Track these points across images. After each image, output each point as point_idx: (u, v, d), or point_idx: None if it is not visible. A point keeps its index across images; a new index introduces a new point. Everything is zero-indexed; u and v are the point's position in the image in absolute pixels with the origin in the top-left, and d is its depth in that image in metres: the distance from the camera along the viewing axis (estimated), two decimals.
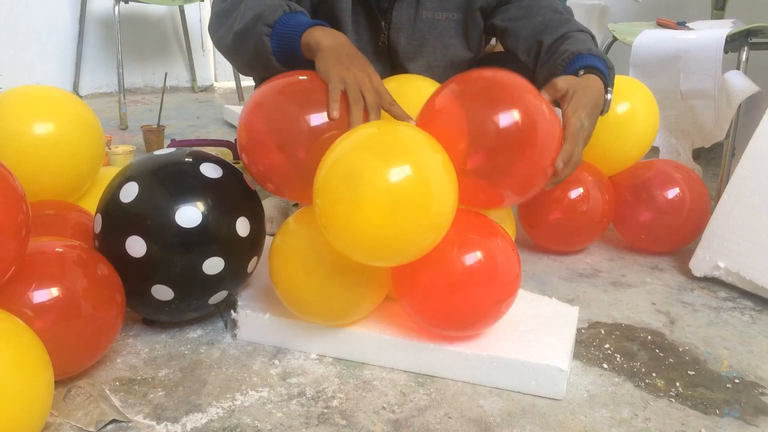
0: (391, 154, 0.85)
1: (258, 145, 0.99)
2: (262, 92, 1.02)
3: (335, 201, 0.84)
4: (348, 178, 0.83)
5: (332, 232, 0.87)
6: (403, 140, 0.88)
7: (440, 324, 0.99)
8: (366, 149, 0.86)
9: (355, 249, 0.88)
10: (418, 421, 0.90)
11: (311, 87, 1.00)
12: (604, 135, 1.41)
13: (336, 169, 0.86)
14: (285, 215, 1.55)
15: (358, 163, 0.84)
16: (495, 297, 0.96)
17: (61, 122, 1.14)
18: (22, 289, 0.86)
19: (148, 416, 0.90)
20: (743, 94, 1.62)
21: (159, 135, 2.17)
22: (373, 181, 0.83)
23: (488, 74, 0.99)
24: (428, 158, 0.87)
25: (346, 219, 0.84)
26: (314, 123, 0.96)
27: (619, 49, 1.97)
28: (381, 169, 0.83)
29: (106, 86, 3.54)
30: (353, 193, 0.83)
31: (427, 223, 0.86)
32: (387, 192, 0.83)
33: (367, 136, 0.89)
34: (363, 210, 0.83)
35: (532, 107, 0.95)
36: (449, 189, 0.88)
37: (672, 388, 0.99)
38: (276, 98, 1.00)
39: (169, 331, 1.11)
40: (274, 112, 0.98)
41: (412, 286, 0.97)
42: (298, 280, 0.97)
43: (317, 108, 0.97)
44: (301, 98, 0.99)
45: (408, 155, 0.85)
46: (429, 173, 0.86)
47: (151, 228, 0.98)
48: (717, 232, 1.33)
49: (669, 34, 1.78)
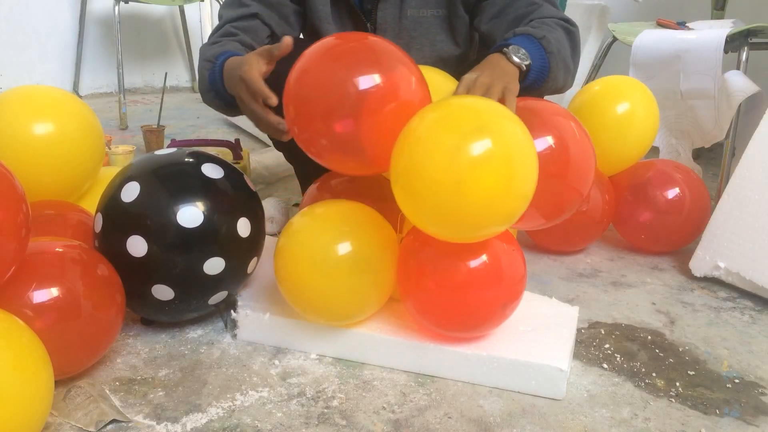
0: (482, 135, 0.82)
1: (305, 115, 0.93)
2: (306, 57, 0.95)
3: (422, 182, 0.83)
4: (438, 161, 0.82)
5: (411, 209, 0.87)
6: (493, 121, 0.85)
7: (445, 325, 0.99)
8: (458, 131, 0.83)
9: (433, 225, 0.87)
10: (418, 421, 0.90)
11: (359, 47, 0.94)
12: (604, 135, 1.41)
13: (424, 149, 0.83)
14: (286, 215, 1.55)
15: (453, 145, 0.82)
16: (501, 300, 0.96)
17: (61, 122, 1.14)
18: (22, 289, 0.86)
19: (148, 416, 0.90)
20: (743, 94, 1.62)
21: (159, 135, 2.17)
22: (467, 167, 0.81)
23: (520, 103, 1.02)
24: (516, 137, 0.85)
25: (425, 192, 0.83)
26: (363, 87, 0.88)
27: (619, 49, 1.97)
28: (473, 152, 0.81)
29: (106, 86, 3.54)
30: (445, 177, 0.81)
31: (505, 206, 0.85)
32: (478, 178, 0.81)
33: (457, 116, 0.86)
34: (452, 193, 0.82)
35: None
36: (532, 170, 0.86)
37: (672, 388, 0.99)
38: (321, 62, 0.93)
39: (169, 331, 1.11)
40: (320, 78, 0.91)
41: (418, 287, 0.97)
42: (304, 280, 0.97)
43: (367, 70, 0.90)
44: (348, 60, 0.91)
45: (494, 131, 0.83)
46: (515, 155, 0.84)
47: (151, 228, 0.98)
48: (717, 232, 1.33)
49: (669, 34, 1.78)
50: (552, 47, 1.11)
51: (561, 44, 1.14)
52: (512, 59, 1.06)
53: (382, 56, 0.93)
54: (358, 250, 0.95)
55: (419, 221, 0.89)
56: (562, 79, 1.16)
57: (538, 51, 1.10)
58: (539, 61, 1.10)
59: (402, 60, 0.95)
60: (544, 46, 1.10)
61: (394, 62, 0.93)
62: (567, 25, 1.19)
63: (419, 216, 0.88)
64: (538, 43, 1.10)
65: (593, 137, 1.28)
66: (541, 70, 1.11)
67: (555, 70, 1.12)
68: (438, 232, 0.89)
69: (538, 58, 1.10)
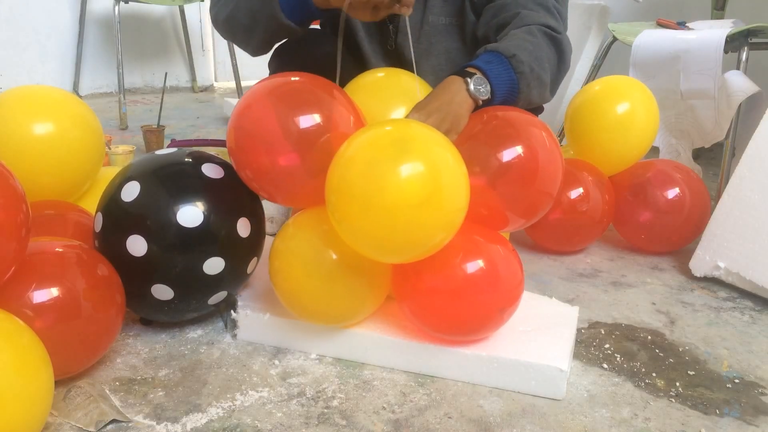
0: (406, 151, 0.84)
1: (247, 149, 0.97)
2: (251, 93, 0.99)
3: (351, 197, 0.84)
4: (364, 175, 0.83)
5: (345, 228, 0.87)
6: (416, 137, 0.87)
7: (441, 329, 0.99)
8: (381, 147, 0.86)
9: (368, 246, 0.88)
10: (418, 421, 0.90)
11: (301, 88, 0.98)
12: (604, 135, 1.41)
13: (352, 166, 0.85)
14: (285, 215, 1.55)
15: (374, 159, 0.84)
16: (498, 305, 0.96)
17: (61, 122, 1.14)
18: (22, 289, 0.86)
19: (148, 416, 0.90)
20: (743, 94, 1.62)
21: (159, 135, 2.17)
22: (391, 178, 0.82)
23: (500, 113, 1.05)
24: (439, 155, 0.86)
25: (361, 216, 0.84)
26: (304, 125, 0.93)
27: (619, 49, 1.97)
28: (396, 165, 0.83)
29: (106, 86, 3.54)
30: (370, 189, 0.83)
31: (441, 220, 0.86)
32: (403, 188, 0.82)
33: (381, 134, 0.88)
34: (379, 207, 0.82)
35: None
36: (462, 185, 0.88)
37: (672, 388, 0.99)
38: (265, 100, 0.97)
39: (169, 331, 1.11)
40: (263, 114, 0.95)
41: (414, 290, 0.97)
42: (299, 282, 0.97)
43: (308, 109, 0.94)
44: (290, 99, 0.96)
45: (421, 152, 0.85)
46: (441, 170, 0.85)
47: (151, 228, 0.98)
48: (717, 232, 1.33)
49: (669, 34, 1.78)
50: (523, 66, 1.08)
51: (537, 58, 1.11)
52: (470, 90, 1.04)
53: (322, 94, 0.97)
54: (351, 252, 0.94)
55: (359, 247, 0.89)
56: (537, 95, 1.13)
57: (507, 73, 1.08)
58: (507, 83, 1.08)
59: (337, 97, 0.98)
60: (514, 66, 1.07)
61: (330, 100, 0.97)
62: (552, 33, 1.16)
63: (356, 242, 0.89)
64: (508, 63, 1.07)
65: (593, 137, 1.29)
66: (510, 92, 1.09)
67: (526, 91, 1.09)
68: (378, 255, 0.90)
69: (506, 80, 1.07)
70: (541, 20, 1.17)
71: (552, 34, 1.16)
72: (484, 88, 1.05)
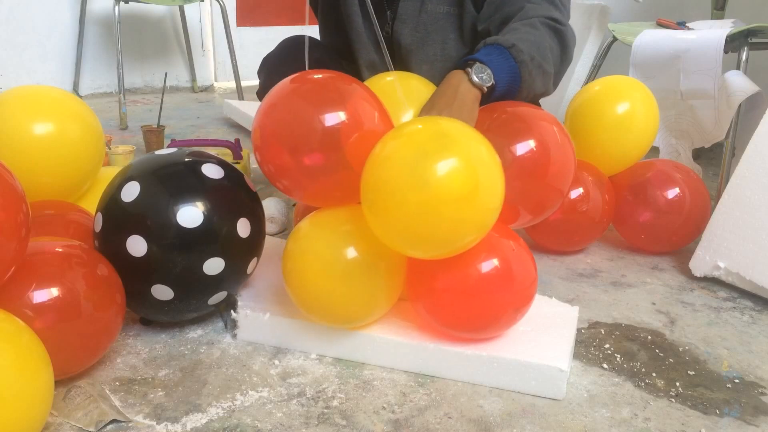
0: (446, 146, 0.85)
1: (271, 148, 0.96)
2: (276, 91, 0.98)
3: (391, 192, 0.85)
4: (406, 170, 0.84)
5: (380, 222, 0.88)
6: (453, 132, 0.88)
7: (455, 327, 0.99)
8: (420, 143, 0.86)
9: (400, 239, 0.89)
10: (418, 421, 0.90)
11: (325, 85, 0.96)
12: (604, 135, 1.41)
13: (392, 162, 0.85)
14: (285, 216, 1.55)
15: (416, 154, 0.84)
16: (513, 305, 0.97)
17: (61, 122, 1.14)
18: (22, 289, 0.86)
19: (148, 416, 0.90)
20: (743, 94, 1.62)
21: (159, 135, 2.17)
22: (434, 173, 0.83)
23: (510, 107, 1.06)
24: (477, 150, 0.87)
25: (400, 210, 0.85)
26: (328, 124, 0.92)
27: (619, 49, 1.97)
28: (439, 159, 0.83)
29: (106, 86, 3.54)
30: (413, 184, 0.83)
31: (477, 217, 0.87)
32: (446, 183, 0.83)
33: (418, 131, 0.88)
34: (420, 202, 0.83)
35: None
36: (498, 179, 0.88)
37: (672, 388, 0.99)
38: (289, 98, 0.96)
39: (169, 331, 1.11)
40: (287, 114, 0.94)
41: (429, 290, 0.97)
42: (313, 283, 0.96)
43: (332, 108, 0.92)
44: (314, 98, 0.94)
45: (461, 147, 0.86)
46: (480, 165, 0.86)
47: (151, 228, 0.98)
48: (717, 232, 1.33)
49: (669, 34, 1.78)
50: (523, 56, 1.08)
51: (539, 48, 1.11)
52: (473, 80, 1.04)
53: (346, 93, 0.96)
54: (367, 252, 0.95)
55: (393, 243, 0.90)
56: (541, 84, 1.13)
57: (507, 62, 1.08)
58: (508, 73, 1.07)
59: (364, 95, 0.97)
60: (514, 55, 1.07)
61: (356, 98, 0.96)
62: (555, 24, 1.16)
63: (392, 237, 0.89)
64: (507, 53, 1.07)
65: (593, 137, 1.29)
66: (512, 82, 1.08)
67: (528, 79, 1.09)
68: (412, 251, 0.91)
69: (507, 69, 1.07)
70: (544, 13, 1.17)
71: (555, 25, 1.16)
72: (486, 74, 1.06)
